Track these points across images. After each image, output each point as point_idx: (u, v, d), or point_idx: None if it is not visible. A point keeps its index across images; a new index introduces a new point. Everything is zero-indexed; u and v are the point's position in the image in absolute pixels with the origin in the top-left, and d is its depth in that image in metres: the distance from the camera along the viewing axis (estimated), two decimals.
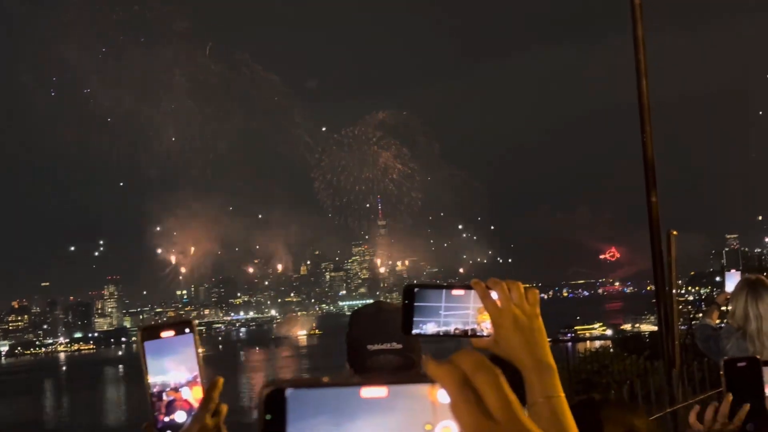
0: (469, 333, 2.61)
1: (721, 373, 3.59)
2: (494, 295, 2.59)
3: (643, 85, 11.61)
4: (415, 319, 2.61)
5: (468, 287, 2.62)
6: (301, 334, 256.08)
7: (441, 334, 2.61)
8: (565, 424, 2.53)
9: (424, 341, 2.67)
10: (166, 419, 2.42)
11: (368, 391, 1.06)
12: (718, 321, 9.60)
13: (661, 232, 11.38)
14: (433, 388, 1.05)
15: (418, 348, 4.06)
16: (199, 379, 2.45)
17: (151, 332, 2.44)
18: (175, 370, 2.43)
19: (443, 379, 1.04)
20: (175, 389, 2.43)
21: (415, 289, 2.63)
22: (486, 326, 2.59)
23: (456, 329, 2.61)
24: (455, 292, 2.62)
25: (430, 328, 2.60)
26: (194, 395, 2.44)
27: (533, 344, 2.57)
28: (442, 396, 1.06)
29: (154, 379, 2.42)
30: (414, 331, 2.61)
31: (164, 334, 2.43)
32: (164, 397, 2.42)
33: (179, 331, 2.44)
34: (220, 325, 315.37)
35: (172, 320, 2.48)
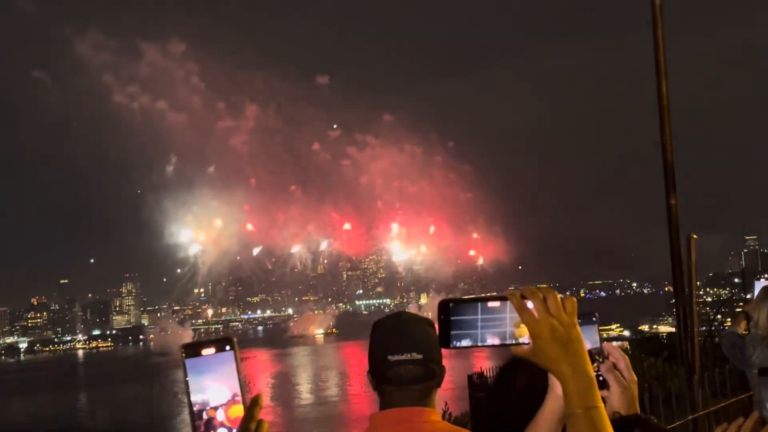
0: (506, 344, 2.62)
1: (757, 382, 3.58)
2: (530, 304, 2.59)
3: (663, 86, 11.48)
4: (452, 332, 2.61)
5: (503, 298, 2.62)
6: (318, 332, 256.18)
7: (479, 346, 2.62)
8: None
9: (465, 349, 2.64)
10: None
11: None
12: (745, 330, 9.54)
13: (680, 234, 11.28)
14: None
15: (439, 358, 4.11)
16: (239, 398, 2.44)
17: (192, 350, 2.44)
18: (215, 389, 2.43)
19: None
20: (215, 408, 2.42)
21: (450, 304, 2.62)
22: (524, 340, 2.60)
23: (493, 342, 2.61)
24: (491, 304, 2.62)
25: (468, 341, 2.61)
26: (233, 414, 2.43)
27: (571, 354, 2.57)
28: None
29: (194, 397, 2.41)
30: (452, 344, 2.61)
31: (205, 351, 2.44)
32: (204, 416, 2.41)
33: (220, 349, 2.45)
34: (237, 324, 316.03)
35: (213, 338, 2.47)
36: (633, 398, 3.30)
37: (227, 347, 2.45)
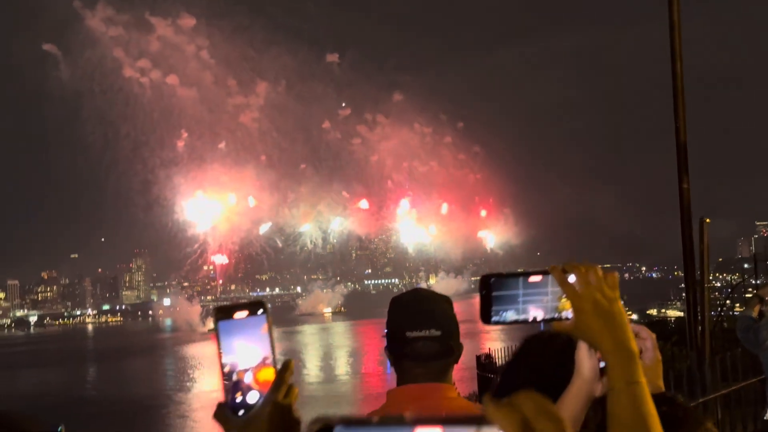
0: (548, 319, 2.62)
1: None
2: (572, 278, 2.57)
3: (678, 68, 11.44)
4: (493, 308, 2.60)
5: (545, 272, 2.61)
6: (326, 311, 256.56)
7: (521, 321, 2.62)
8: (645, 411, 2.51)
9: (507, 326, 2.61)
10: (238, 400, 2.41)
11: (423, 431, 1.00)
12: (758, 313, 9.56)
13: (692, 218, 11.25)
14: (490, 429, 1.00)
15: (457, 335, 4.16)
16: (269, 361, 2.44)
17: (225, 312, 2.43)
18: (246, 351, 2.43)
19: (502, 422, 1.00)
20: (245, 370, 2.42)
21: (492, 279, 2.62)
22: (567, 314, 2.59)
23: (535, 316, 2.61)
24: (532, 278, 2.61)
25: (509, 316, 2.60)
26: (262, 377, 2.44)
27: (614, 328, 2.55)
28: None
29: (226, 359, 2.40)
30: (493, 320, 2.60)
31: (237, 314, 2.42)
32: (235, 378, 2.41)
33: (252, 312, 2.44)
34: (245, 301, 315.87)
35: (246, 301, 2.46)
36: (657, 377, 3.30)
37: (260, 311, 2.45)
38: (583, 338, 2.61)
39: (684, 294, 11.33)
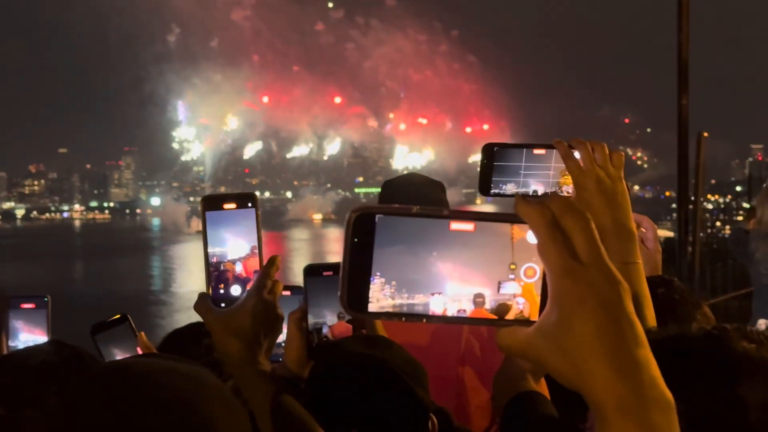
0: (549, 193, 2.52)
1: None
2: (577, 155, 2.49)
3: None
4: (494, 179, 2.52)
5: (550, 147, 2.52)
6: (316, 217, 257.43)
7: (521, 194, 2.52)
8: (640, 291, 2.45)
9: (506, 200, 2.49)
10: (222, 291, 2.37)
11: (457, 225, 1.09)
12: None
13: (689, 135, 11.01)
14: (520, 227, 1.08)
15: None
16: (257, 254, 2.39)
17: (213, 203, 2.37)
18: (234, 243, 2.37)
19: (532, 218, 1.06)
20: (232, 262, 2.37)
21: (495, 148, 2.52)
22: (567, 189, 2.52)
23: (535, 190, 2.53)
24: (536, 151, 2.53)
25: (509, 188, 2.52)
26: (252, 266, 2.39)
27: (615, 207, 2.48)
28: (530, 236, 1.08)
29: (212, 249, 2.35)
30: (492, 191, 2.51)
31: (226, 206, 2.37)
32: (221, 268, 2.36)
33: (241, 205, 2.37)
34: None
35: (236, 193, 2.39)
36: (657, 265, 3.25)
37: (249, 204, 2.39)
38: None
39: (675, 214, 11.14)
